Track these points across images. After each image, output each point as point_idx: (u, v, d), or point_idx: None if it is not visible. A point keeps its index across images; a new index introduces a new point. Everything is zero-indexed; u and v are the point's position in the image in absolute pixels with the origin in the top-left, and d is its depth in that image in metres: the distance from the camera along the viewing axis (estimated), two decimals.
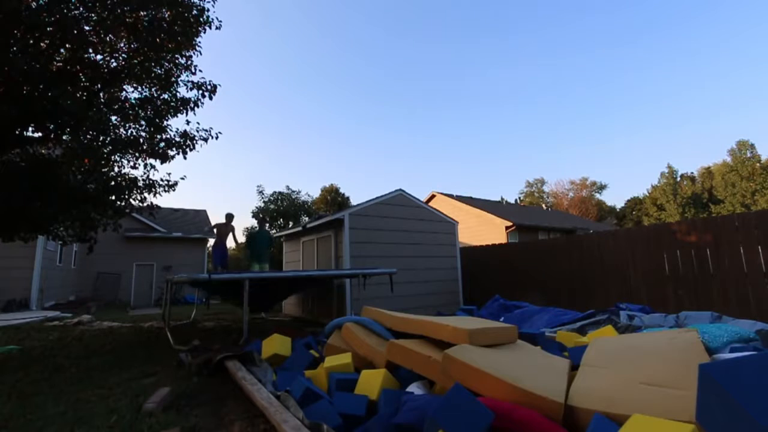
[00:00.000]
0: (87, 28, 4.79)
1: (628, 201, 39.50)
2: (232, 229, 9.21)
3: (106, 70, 5.18)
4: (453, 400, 1.82)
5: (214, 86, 6.06)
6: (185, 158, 5.98)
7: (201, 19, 5.63)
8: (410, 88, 63.11)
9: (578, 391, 2.06)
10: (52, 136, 5.13)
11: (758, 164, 25.69)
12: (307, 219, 14.60)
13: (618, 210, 41.23)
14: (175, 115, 5.91)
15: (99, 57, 5.24)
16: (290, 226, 16.50)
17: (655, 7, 48.43)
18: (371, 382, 2.62)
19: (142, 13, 5.09)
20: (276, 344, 3.95)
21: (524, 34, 56.18)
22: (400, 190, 8.75)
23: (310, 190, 47.78)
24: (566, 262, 7.97)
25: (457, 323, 2.84)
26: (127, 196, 5.82)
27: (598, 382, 2.13)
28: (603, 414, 1.78)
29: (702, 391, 1.36)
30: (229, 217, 9.25)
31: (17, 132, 4.93)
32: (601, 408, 1.83)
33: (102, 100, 5.40)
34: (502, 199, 36.27)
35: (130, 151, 5.86)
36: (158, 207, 6.29)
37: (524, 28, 55.83)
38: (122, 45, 5.37)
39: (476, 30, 56.37)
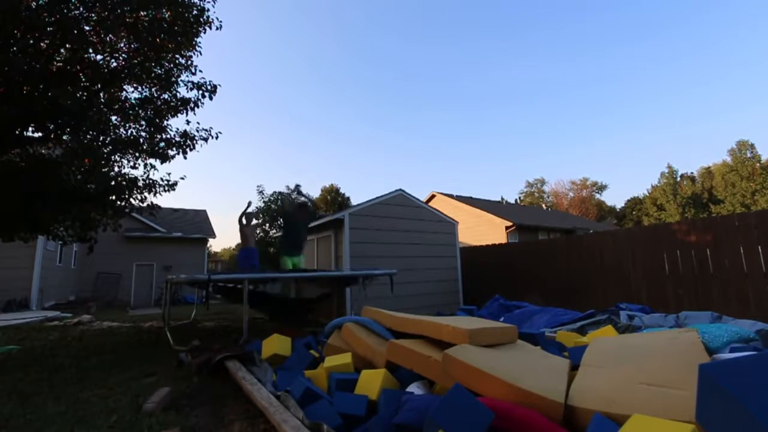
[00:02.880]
0: (87, 28, 4.79)
1: (628, 201, 39.52)
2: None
3: (106, 70, 5.18)
4: (453, 400, 1.82)
5: (214, 86, 6.06)
6: (185, 158, 5.99)
7: (201, 20, 5.64)
8: (410, 88, 63.15)
9: (578, 391, 2.06)
10: (52, 136, 5.13)
11: (758, 164, 25.69)
12: None
13: (618, 210, 41.23)
14: (175, 115, 5.92)
15: (99, 57, 5.24)
16: None
17: (654, 7, 48.46)
18: (371, 382, 2.62)
19: (142, 13, 5.08)
20: (276, 344, 3.95)
21: (524, 34, 56.20)
22: (400, 190, 8.75)
23: (310, 190, 47.80)
24: (566, 262, 7.96)
25: (457, 323, 2.84)
26: (127, 196, 5.82)
27: (598, 382, 2.13)
28: (603, 414, 1.78)
29: (702, 391, 1.36)
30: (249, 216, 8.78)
31: (17, 132, 4.93)
32: (601, 408, 1.83)
33: (102, 100, 5.40)
34: (502, 199, 36.27)
35: (130, 151, 5.87)
36: (158, 207, 6.29)
37: (524, 28, 55.85)
38: (122, 45, 5.37)
39: (476, 30, 56.39)
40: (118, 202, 5.80)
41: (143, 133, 5.89)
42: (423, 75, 61.95)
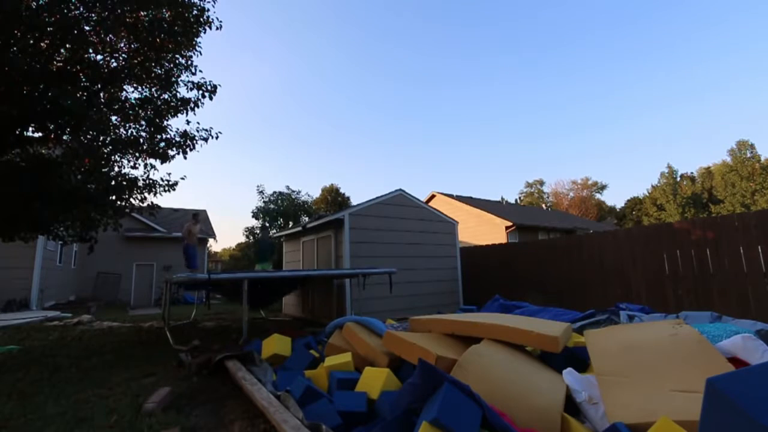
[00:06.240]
0: (87, 28, 4.79)
1: (628, 201, 39.50)
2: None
3: (106, 70, 5.18)
4: (450, 400, 1.82)
5: (215, 86, 6.06)
6: (185, 158, 5.99)
7: (201, 19, 5.64)
8: (411, 88, 63.15)
9: (619, 407, 2.03)
10: (52, 136, 5.13)
11: (758, 164, 25.67)
12: (307, 219, 14.59)
13: (618, 210, 41.22)
14: (175, 115, 5.92)
15: (99, 57, 5.24)
16: (290, 226, 16.49)
17: (655, 8, 48.46)
18: (373, 381, 2.62)
19: (142, 13, 5.09)
20: (276, 344, 3.95)
21: (524, 35, 56.23)
22: (400, 190, 8.75)
23: (310, 190, 47.84)
24: (566, 262, 7.96)
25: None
26: (127, 196, 5.82)
27: (630, 394, 2.10)
28: (645, 424, 1.76)
29: (709, 406, 1.33)
30: (196, 216, 9.40)
31: (17, 132, 4.93)
32: (646, 419, 1.81)
33: (102, 100, 5.40)
34: (502, 199, 36.24)
35: (130, 151, 5.87)
36: (158, 207, 6.29)
37: (524, 29, 55.87)
38: (122, 45, 5.37)
39: (476, 30, 56.41)
40: (118, 202, 5.80)
41: (143, 133, 5.89)
42: (423, 76, 62.00)
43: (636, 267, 6.81)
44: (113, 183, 5.63)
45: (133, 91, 5.79)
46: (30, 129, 5.08)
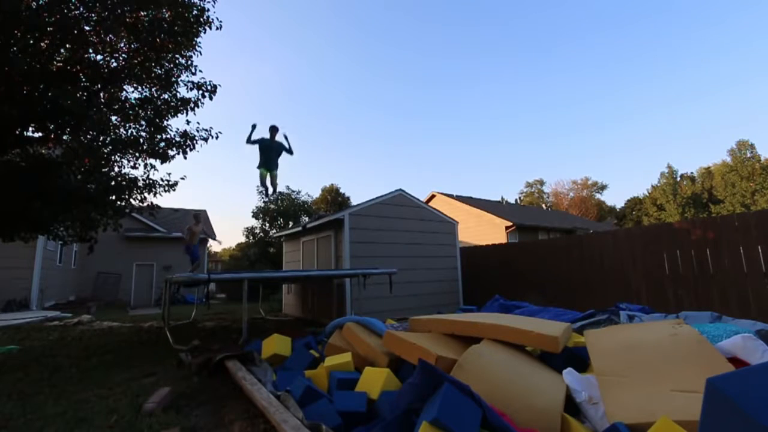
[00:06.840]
0: (87, 28, 4.79)
1: (628, 201, 39.49)
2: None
3: (106, 70, 5.18)
4: (450, 400, 1.83)
5: (214, 86, 6.07)
6: (185, 158, 6.00)
7: (201, 19, 5.64)
8: (411, 89, 63.14)
9: (620, 407, 2.02)
10: (52, 136, 5.14)
11: (758, 164, 25.66)
12: (307, 219, 14.59)
13: (618, 210, 41.21)
14: (175, 115, 5.92)
15: (99, 57, 5.24)
16: (290, 226, 16.49)
17: (655, 8, 48.45)
18: (373, 381, 2.62)
19: (142, 13, 5.09)
20: (276, 344, 3.95)
21: (524, 35, 56.22)
22: (400, 190, 8.75)
23: (310, 190, 47.87)
24: (566, 262, 7.96)
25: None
26: (127, 196, 5.82)
27: (631, 394, 2.09)
28: (646, 424, 1.75)
29: (709, 406, 1.33)
30: (198, 216, 9.47)
31: (17, 132, 4.93)
32: (647, 419, 1.80)
33: (102, 100, 5.40)
34: (502, 199, 36.29)
35: (130, 151, 5.87)
36: (158, 207, 6.30)
37: (524, 29, 55.87)
38: (122, 45, 5.37)
39: (476, 30, 56.40)
40: (118, 202, 5.80)
41: (143, 133, 5.90)
42: (423, 76, 62.02)
43: (636, 267, 6.81)
44: (113, 183, 5.63)
45: (133, 91, 5.80)
46: (30, 129, 5.08)
